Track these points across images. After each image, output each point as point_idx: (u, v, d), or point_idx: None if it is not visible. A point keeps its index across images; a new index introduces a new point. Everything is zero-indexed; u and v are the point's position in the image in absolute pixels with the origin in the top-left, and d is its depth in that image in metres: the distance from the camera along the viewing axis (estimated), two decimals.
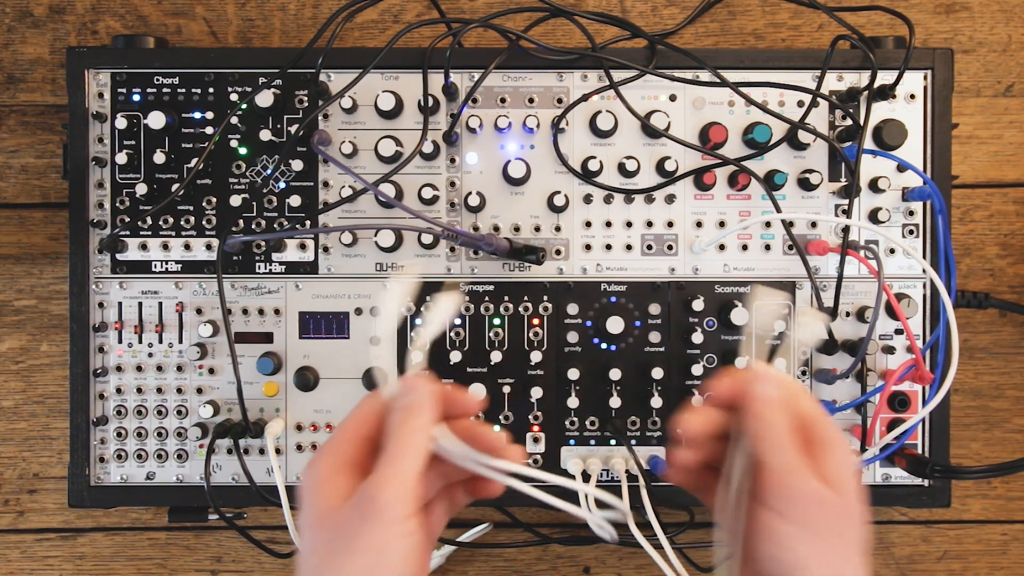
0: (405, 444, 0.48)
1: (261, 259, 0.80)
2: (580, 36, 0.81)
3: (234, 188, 0.80)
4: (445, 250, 0.80)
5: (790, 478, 0.48)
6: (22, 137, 0.89)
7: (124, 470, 0.80)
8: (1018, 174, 0.90)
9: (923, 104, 0.80)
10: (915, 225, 0.80)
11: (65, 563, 0.90)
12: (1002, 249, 0.90)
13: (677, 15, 0.90)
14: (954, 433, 0.87)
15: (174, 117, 0.79)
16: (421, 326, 0.50)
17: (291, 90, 0.80)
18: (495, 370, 0.80)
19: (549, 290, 0.80)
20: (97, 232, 0.80)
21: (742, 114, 0.80)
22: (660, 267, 0.80)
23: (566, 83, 0.80)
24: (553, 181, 0.80)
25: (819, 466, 0.49)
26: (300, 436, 0.80)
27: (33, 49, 0.89)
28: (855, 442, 0.79)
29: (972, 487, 0.90)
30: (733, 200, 0.80)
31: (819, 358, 0.80)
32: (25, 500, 0.90)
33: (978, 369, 0.90)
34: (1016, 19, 0.90)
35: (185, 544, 0.90)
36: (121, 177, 0.80)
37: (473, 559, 0.90)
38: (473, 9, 0.90)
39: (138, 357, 0.80)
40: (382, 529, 0.46)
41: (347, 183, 0.79)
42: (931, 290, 0.79)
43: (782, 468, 0.48)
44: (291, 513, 0.76)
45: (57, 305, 0.89)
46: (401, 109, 0.79)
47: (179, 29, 0.90)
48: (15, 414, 0.89)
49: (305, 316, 0.80)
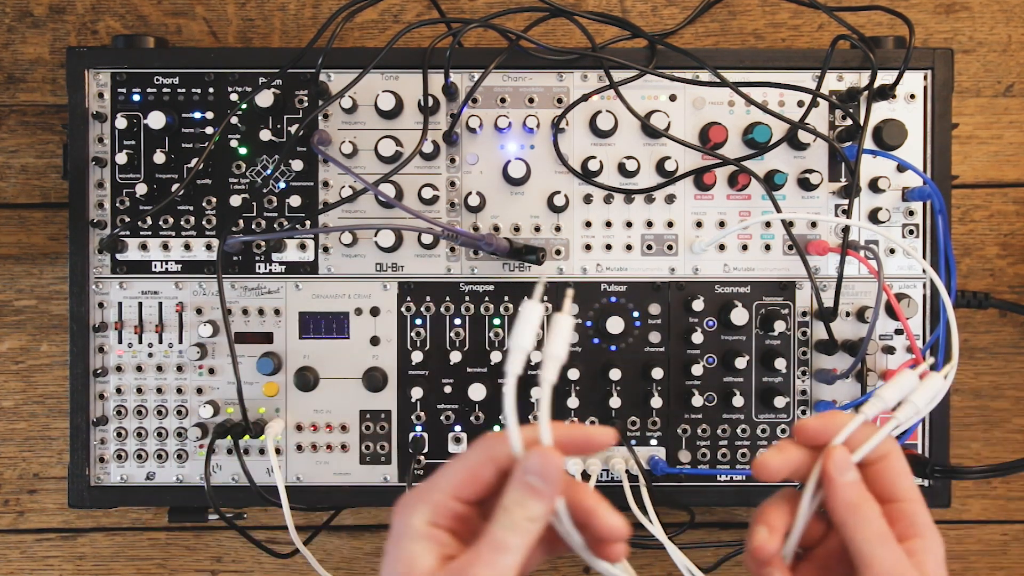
0: (517, 534, 0.44)
1: (261, 259, 0.80)
2: (580, 36, 0.81)
3: (234, 188, 0.80)
4: (445, 250, 0.80)
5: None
6: (22, 137, 0.89)
7: (124, 470, 0.80)
8: (1018, 174, 0.90)
9: (923, 104, 0.80)
10: (915, 225, 0.80)
11: (65, 563, 0.90)
12: (1002, 249, 0.90)
13: (677, 15, 0.90)
14: (954, 433, 0.87)
15: (174, 117, 0.79)
16: (548, 344, 0.45)
17: (291, 90, 0.80)
18: (495, 370, 0.80)
19: (549, 290, 0.80)
20: (97, 232, 0.80)
21: (742, 114, 0.80)
22: (660, 267, 0.80)
23: (566, 83, 0.80)
24: (553, 181, 0.80)
25: (913, 560, 0.48)
26: (300, 436, 0.80)
27: (33, 49, 0.89)
28: None
29: (972, 487, 0.90)
30: (733, 200, 0.80)
31: (819, 358, 0.80)
32: (25, 500, 0.90)
33: (978, 369, 0.90)
34: (1016, 19, 0.90)
35: (185, 544, 0.90)
36: (121, 177, 0.80)
37: None
38: (473, 9, 0.90)
39: (138, 357, 0.80)
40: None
41: (347, 183, 0.79)
42: (931, 290, 0.79)
43: (887, 569, 0.47)
44: (291, 513, 0.76)
45: (57, 305, 0.89)
46: (401, 109, 0.79)
47: (179, 29, 0.90)
48: (15, 414, 0.89)
49: (305, 316, 0.80)
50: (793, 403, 0.80)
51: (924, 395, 0.53)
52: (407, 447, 0.80)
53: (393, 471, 0.80)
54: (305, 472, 0.80)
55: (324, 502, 0.83)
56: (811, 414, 0.80)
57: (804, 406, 0.80)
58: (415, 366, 0.80)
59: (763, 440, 0.80)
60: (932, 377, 0.53)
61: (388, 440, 0.80)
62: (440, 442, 0.80)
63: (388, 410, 0.80)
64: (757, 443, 0.80)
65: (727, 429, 0.80)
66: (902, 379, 0.53)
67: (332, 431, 0.80)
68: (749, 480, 0.79)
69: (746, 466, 0.80)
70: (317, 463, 0.80)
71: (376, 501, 0.82)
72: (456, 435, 0.80)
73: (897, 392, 0.53)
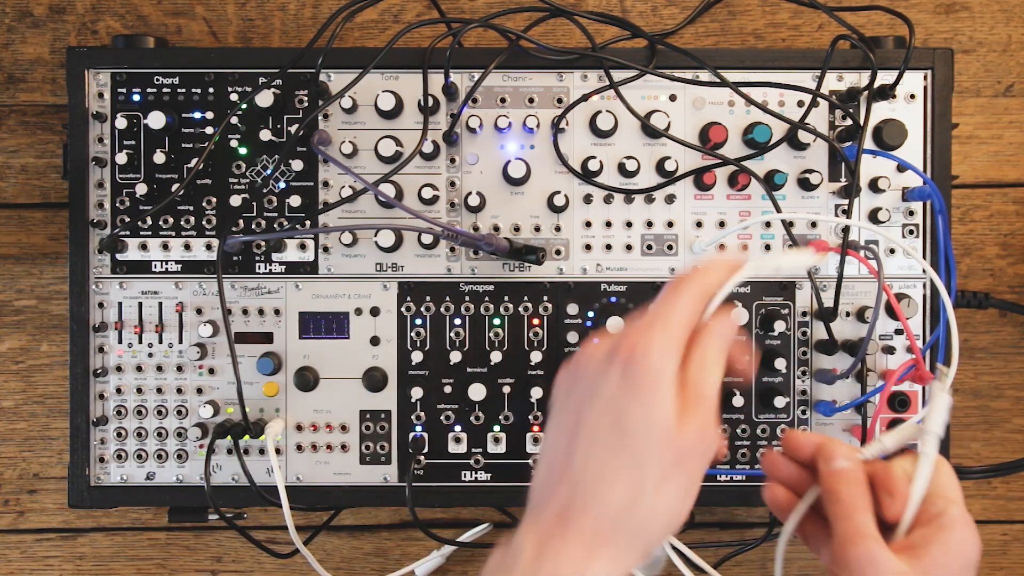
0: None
1: (261, 259, 0.80)
2: (580, 36, 0.81)
3: (234, 188, 0.80)
4: (445, 250, 0.80)
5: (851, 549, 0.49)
6: (22, 137, 0.89)
7: (124, 470, 0.80)
8: (1018, 174, 0.90)
9: (923, 104, 0.79)
10: (915, 225, 0.80)
11: (65, 563, 0.90)
12: (1002, 249, 0.90)
13: (677, 15, 0.90)
14: (954, 433, 0.87)
15: (174, 117, 0.79)
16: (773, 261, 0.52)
17: (291, 90, 0.80)
18: (495, 370, 0.80)
19: (549, 290, 0.80)
20: (97, 232, 0.80)
21: (742, 114, 0.80)
22: (660, 267, 0.80)
23: (566, 83, 0.80)
24: (553, 181, 0.80)
25: (910, 552, 0.49)
26: (300, 436, 0.80)
27: (33, 49, 0.89)
28: (855, 443, 0.79)
29: (972, 487, 0.90)
30: (733, 200, 0.80)
31: (819, 358, 0.80)
32: (25, 500, 0.90)
33: (978, 369, 0.90)
34: (1016, 19, 0.90)
35: (185, 544, 0.90)
36: (121, 177, 0.80)
37: (473, 559, 0.90)
38: (473, 9, 0.90)
39: (138, 357, 0.80)
40: (704, 467, 0.48)
41: (347, 183, 0.79)
42: (931, 290, 0.79)
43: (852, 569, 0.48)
44: (291, 513, 0.76)
45: (57, 305, 0.89)
46: (401, 109, 0.79)
47: (179, 29, 0.90)
48: (15, 414, 0.89)
49: (305, 316, 0.80)
50: (793, 403, 0.80)
51: (937, 418, 0.54)
52: (407, 447, 0.80)
53: (393, 471, 0.80)
54: (305, 472, 0.80)
55: (324, 502, 0.83)
56: (811, 414, 0.80)
57: (804, 406, 0.80)
58: (415, 366, 0.80)
59: (763, 440, 0.80)
60: (939, 395, 0.55)
61: (388, 440, 0.80)
62: (440, 442, 0.80)
63: (388, 410, 0.80)
64: (757, 443, 0.80)
65: (727, 429, 0.80)
66: (905, 429, 0.56)
67: (332, 431, 0.80)
68: (749, 480, 0.79)
69: (746, 466, 0.80)
70: (317, 463, 0.80)
71: (376, 501, 0.82)
72: (456, 435, 0.80)
73: (898, 440, 0.56)
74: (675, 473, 0.47)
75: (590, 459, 0.47)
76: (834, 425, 0.80)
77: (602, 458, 0.47)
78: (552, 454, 0.49)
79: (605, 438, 0.47)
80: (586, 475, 0.47)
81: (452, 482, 0.80)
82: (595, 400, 0.48)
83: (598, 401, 0.48)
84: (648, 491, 0.46)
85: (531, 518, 0.48)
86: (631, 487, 0.46)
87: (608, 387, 0.48)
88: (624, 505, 0.46)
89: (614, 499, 0.46)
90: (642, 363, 0.47)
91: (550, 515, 0.47)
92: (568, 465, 0.48)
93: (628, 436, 0.47)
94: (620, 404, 0.47)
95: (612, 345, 0.49)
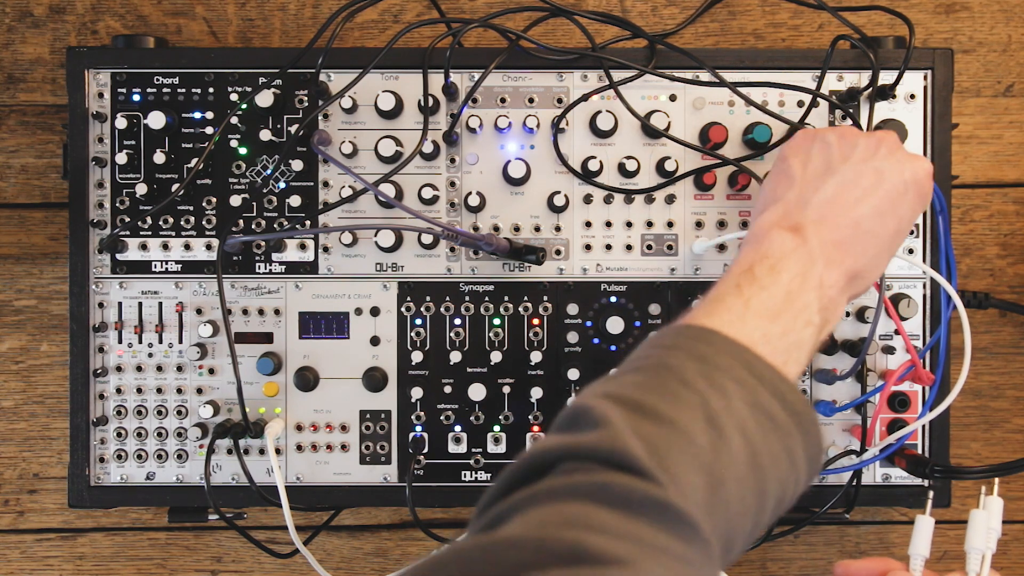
0: None
1: (261, 259, 0.80)
2: (580, 36, 0.81)
3: (234, 188, 0.80)
4: (445, 250, 0.80)
5: None
6: (22, 137, 0.89)
7: (124, 470, 0.80)
8: (1018, 174, 0.90)
9: (923, 104, 0.79)
10: (915, 225, 0.80)
11: (65, 563, 0.90)
12: (1002, 249, 0.90)
13: (677, 15, 0.90)
14: (954, 433, 0.87)
15: (174, 117, 0.79)
16: None
17: (291, 90, 0.80)
18: (495, 370, 0.80)
19: (549, 290, 0.80)
20: (97, 232, 0.80)
21: (742, 114, 0.80)
22: (660, 267, 0.80)
23: (566, 83, 0.80)
24: (553, 181, 0.80)
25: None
26: (300, 436, 0.80)
27: (33, 49, 0.89)
28: (855, 443, 0.79)
29: (972, 487, 0.90)
30: (733, 200, 0.80)
31: (819, 358, 0.80)
32: (25, 500, 0.90)
33: (978, 369, 0.90)
34: (1016, 19, 0.90)
35: (185, 544, 0.90)
36: (121, 177, 0.80)
37: None
38: (473, 9, 0.90)
39: (138, 357, 0.80)
40: (913, 219, 0.65)
41: (347, 183, 0.79)
42: (931, 290, 0.79)
43: None
44: (291, 513, 0.76)
45: (57, 305, 0.89)
46: (401, 109, 0.79)
47: (179, 29, 0.90)
48: (15, 414, 0.89)
49: (305, 316, 0.80)
50: None
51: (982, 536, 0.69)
52: (407, 447, 0.80)
53: (393, 471, 0.80)
54: (305, 472, 0.80)
55: (324, 502, 0.83)
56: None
57: None
58: (415, 366, 0.80)
59: None
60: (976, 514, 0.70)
61: (388, 440, 0.80)
62: (440, 442, 0.80)
63: (388, 410, 0.80)
64: None
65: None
66: (923, 527, 0.69)
67: (332, 431, 0.80)
68: None
69: None
70: (317, 463, 0.80)
71: (376, 501, 0.82)
72: (456, 435, 0.80)
73: (925, 542, 0.69)
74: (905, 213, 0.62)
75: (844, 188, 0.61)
76: (834, 425, 0.80)
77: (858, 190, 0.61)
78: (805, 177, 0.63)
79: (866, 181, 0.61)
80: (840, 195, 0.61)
81: (452, 482, 0.80)
82: (855, 151, 0.63)
83: (856, 152, 0.63)
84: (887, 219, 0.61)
85: (777, 217, 0.61)
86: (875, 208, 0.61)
87: (870, 147, 0.63)
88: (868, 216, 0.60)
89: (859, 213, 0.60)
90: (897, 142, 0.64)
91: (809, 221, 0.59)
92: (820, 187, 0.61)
93: (883, 179, 0.61)
94: (879, 154, 0.63)
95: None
